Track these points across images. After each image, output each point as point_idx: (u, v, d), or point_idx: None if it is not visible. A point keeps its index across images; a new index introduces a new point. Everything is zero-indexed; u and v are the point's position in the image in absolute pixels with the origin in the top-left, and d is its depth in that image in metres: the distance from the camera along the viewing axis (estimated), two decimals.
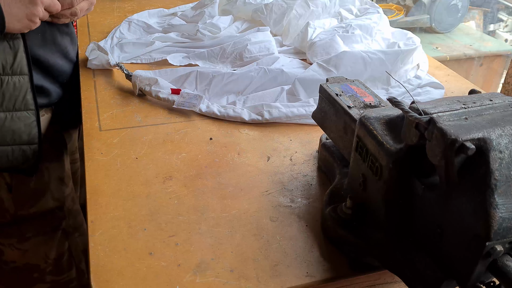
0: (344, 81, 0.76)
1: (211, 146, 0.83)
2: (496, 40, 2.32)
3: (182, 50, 1.19)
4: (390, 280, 0.63)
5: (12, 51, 0.84)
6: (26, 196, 0.97)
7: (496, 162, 0.44)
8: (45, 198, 1.00)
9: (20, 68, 0.85)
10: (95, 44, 1.10)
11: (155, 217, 0.67)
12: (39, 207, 0.99)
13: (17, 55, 0.84)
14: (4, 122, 0.86)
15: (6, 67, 0.84)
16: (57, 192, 1.02)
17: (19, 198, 0.96)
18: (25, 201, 0.98)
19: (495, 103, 0.50)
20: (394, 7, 2.20)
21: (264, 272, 0.59)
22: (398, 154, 0.52)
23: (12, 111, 0.87)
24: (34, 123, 0.89)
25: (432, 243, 0.51)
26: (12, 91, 0.85)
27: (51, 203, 1.01)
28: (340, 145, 0.71)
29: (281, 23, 1.27)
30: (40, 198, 0.99)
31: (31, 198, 0.98)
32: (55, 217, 1.03)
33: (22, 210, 0.98)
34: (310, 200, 0.71)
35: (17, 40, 0.84)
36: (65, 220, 1.05)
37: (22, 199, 0.97)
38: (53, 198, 1.01)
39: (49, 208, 1.01)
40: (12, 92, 0.85)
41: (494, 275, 0.46)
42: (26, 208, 0.98)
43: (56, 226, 1.04)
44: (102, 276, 0.57)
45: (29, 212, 0.98)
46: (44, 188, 0.99)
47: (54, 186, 1.01)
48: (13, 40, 0.83)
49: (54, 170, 1.00)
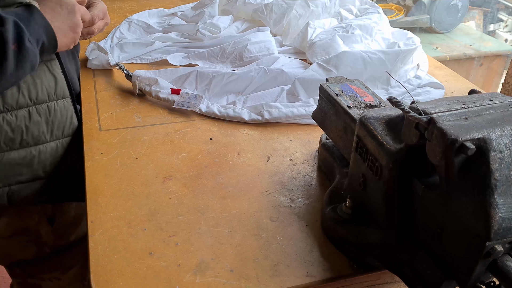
0: (344, 81, 0.76)
1: (211, 146, 0.83)
2: (496, 40, 2.32)
3: (182, 50, 1.19)
4: (390, 280, 0.63)
5: (52, 74, 0.80)
6: (67, 225, 0.93)
7: (496, 162, 0.44)
8: (83, 222, 0.95)
9: (63, 91, 0.82)
10: (95, 44, 1.10)
11: (155, 217, 0.67)
12: (78, 233, 0.96)
13: (57, 78, 0.81)
14: (56, 152, 0.83)
15: (50, 92, 0.80)
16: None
17: (60, 228, 0.92)
18: (66, 230, 0.94)
19: (495, 103, 0.50)
20: (394, 7, 2.20)
21: (264, 272, 0.59)
22: (398, 154, 0.52)
23: (61, 138, 0.84)
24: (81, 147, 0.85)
25: (432, 243, 0.51)
26: (60, 117, 0.83)
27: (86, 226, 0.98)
28: (340, 145, 0.71)
29: (281, 23, 1.27)
30: (79, 223, 0.95)
31: (72, 225, 0.94)
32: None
33: (62, 240, 0.93)
34: (310, 200, 0.71)
35: (54, 61, 0.80)
36: None
37: (63, 228, 0.93)
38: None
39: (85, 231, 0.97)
40: (60, 118, 0.83)
41: (494, 275, 0.46)
42: (66, 237, 0.94)
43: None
44: (102, 276, 0.57)
45: (68, 241, 0.94)
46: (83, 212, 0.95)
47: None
48: (50, 62, 0.80)
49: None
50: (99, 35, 1.27)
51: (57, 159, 0.84)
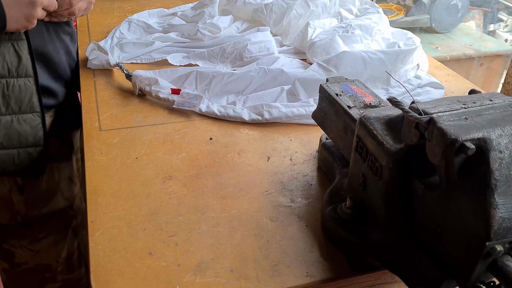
0: (344, 81, 0.76)
1: (211, 146, 0.83)
2: (496, 40, 2.32)
3: (182, 50, 1.19)
4: (390, 280, 0.63)
5: (17, 53, 0.84)
6: (37, 197, 0.97)
7: (496, 162, 0.44)
8: (56, 198, 1.00)
9: (26, 70, 0.85)
10: (95, 44, 1.10)
11: (155, 217, 0.67)
12: (51, 207, 0.99)
13: (22, 57, 0.84)
14: (10, 125, 0.86)
15: (11, 69, 0.84)
16: (67, 191, 1.02)
17: (30, 199, 0.96)
18: (37, 202, 0.97)
19: (495, 103, 0.50)
20: (394, 7, 2.20)
21: (264, 272, 0.59)
22: (398, 154, 0.52)
23: (18, 113, 0.87)
24: (39, 125, 0.89)
25: (432, 243, 0.51)
26: (18, 93, 0.85)
27: (62, 202, 1.01)
28: (340, 145, 0.71)
29: (281, 23, 1.27)
30: (51, 198, 0.99)
31: (43, 198, 0.98)
32: (66, 216, 1.03)
33: (34, 211, 0.97)
34: (310, 200, 0.71)
35: (22, 41, 0.84)
36: (75, 219, 1.05)
37: (34, 200, 0.97)
38: (64, 197, 1.01)
39: (60, 207, 1.01)
40: (18, 94, 0.85)
41: (494, 275, 0.46)
42: (38, 209, 0.98)
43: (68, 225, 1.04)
44: (102, 276, 0.57)
45: (41, 213, 0.98)
46: (55, 188, 1.00)
47: (64, 185, 1.01)
48: (17, 42, 0.83)
49: (63, 170, 1.01)
50: (99, 35, 1.27)
51: (12, 131, 0.87)
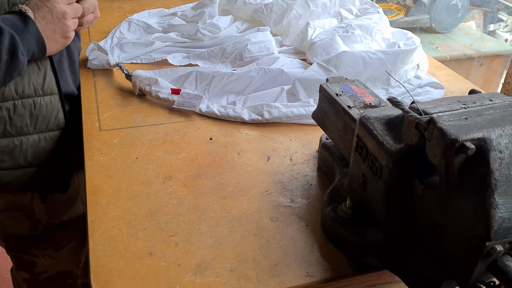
0: (344, 81, 0.76)
1: (211, 146, 0.83)
2: (496, 40, 2.32)
3: (182, 50, 1.19)
4: (390, 280, 0.63)
5: (41, 71, 0.84)
6: (59, 204, 0.97)
7: (496, 162, 0.44)
8: (76, 204, 1.00)
9: (51, 88, 0.85)
10: (95, 44, 1.10)
11: (155, 217, 0.67)
12: (71, 214, 0.99)
13: (46, 75, 0.84)
14: (38, 144, 0.86)
15: (37, 88, 0.83)
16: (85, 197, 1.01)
17: (52, 207, 0.96)
18: (59, 210, 0.97)
19: (495, 103, 0.50)
20: (394, 7, 2.20)
21: (264, 272, 0.59)
22: (398, 154, 0.52)
23: (45, 132, 0.87)
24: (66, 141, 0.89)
25: (432, 243, 0.51)
26: (45, 112, 0.85)
27: (81, 208, 1.01)
28: (340, 145, 0.71)
29: (281, 23, 1.27)
30: (72, 205, 0.99)
31: (64, 206, 0.98)
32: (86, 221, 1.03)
33: (55, 218, 0.97)
34: (310, 200, 0.71)
35: (44, 60, 0.84)
36: None
37: (56, 208, 0.96)
38: (83, 203, 1.01)
39: (80, 213, 1.01)
40: (45, 113, 0.86)
41: (494, 275, 0.46)
42: (59, 217, 0.98)
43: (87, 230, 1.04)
44: (102, 276, 0.57)
45: (61, 220, 0.98)
46: (75, 194, 0.99)
47: (82, 191, 1.00)
48: (40, 61, 0.83)
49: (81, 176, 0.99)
50: (99, 35, 1.27)
51: (39, 150, 0.87)
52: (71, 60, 0.95)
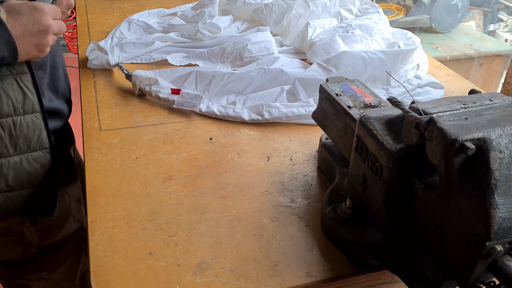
0: (344, 81, 0.76)
1: (211, 146, 0.83)
2: (496, 40, 2.32)
3: (182, 50, 1.19)
4: (390, 280, 0.63)
5: (21, 88, 0.77)
6: (51, 225, 0.92)
7: (496, 162, 0.44)
8: (68, 223, 0.95)
9: (32, 105, 0.78)
10: (95, 44, 1.10)
11: (155, 217, 0.67)
12: (64, 233, 0.95)
13: (27, 92, 0.77)
14: (20, 166, 0.80)
15: (17, 107, 0.77)
16: (77, 213, 0.98)
17: (44, 228, 0.91)
18: (50, 230, 0.93)
19: (495, 103, 0.50)
20: (394, 7, 2.20)
21: (264, 272, 0.59)
22: (398, 154, 0.52)
23: (27, 153, 0.80)
24: (50, 162, 0.83)
25: (432, 243, 0.51)
26: (26, 132, 0.79)
27: (73, 226, 0.97)
28: (340, 145, 0.71)
29: (281, 23, 1.27)
30: (64, 223, 0.95)
31: (56, 226, 0.93)
32: (80, 239, 1.00)
33: (48, 239, 0.92)
34: (310, 200, 0.71)
35: (25, 75, 0.77)
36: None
37: (47, 229, 0.92)
38: (75, 220, 0.97)
39: (72, 231, 0.97)
40: (26, 133, 0.79)
41: (494, 275, 0.46)
42: (51, 237, 0.93)
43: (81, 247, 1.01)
44: (102, 276, 0.57)
45: (54, 241, 0.94)
46: (67, 212, 0.95)
47: (74, 208, 0.97)
48: (20, 76, 0.77)
49: (72, 192, 0.96)
50: (99, 35, 1.27)
51: (22, 173, 0.81)
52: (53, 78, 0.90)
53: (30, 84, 0.78)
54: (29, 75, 0.77)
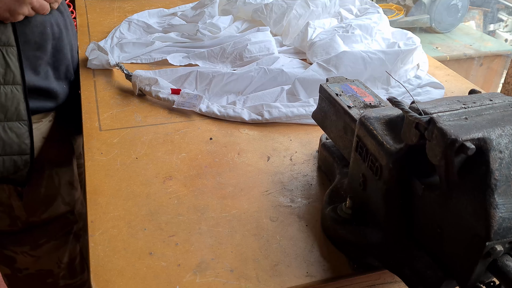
0: (344, 81, 0.76)
1: (211, 146, 0.83)
2: (496, 40, 2.32)
3: (182, 50, 1.19)
4: (390, 280, 0.63)
5: (5, 59, 0.80)
6: (37, 202, 0.95)
7: (496, 162, 0.44)
8: (56, 203, 0.98)
9: (13, 77, 0.82)
10: (95, 44, 1.10)
11: (155, 217, 0.67)
12: (51, 213, 0.98)
13: (10, 64, 0.81)
14: None
15: None
16: (67, 196, 1.00)
17: (30, 204, 0.94)
18: (37, 207, 0.96)
19: (495, 103, 0.50)
20: (394, 7, 2.20)
21: (264, 272, 0.59)
22: (398, 154, 0.52)
23: (3, 121, 0.83)
24: (26, 133, 0.86)
25: (432, 243, 0.51)
26: (4, 101, 0.82)
27: (62, 207, 0.99)
28: (340, 145, 0.71)
29: (281, 23, 1.27)
30: (51, 203, 0.97)
31: (43, 204, 0.96)
32: (67, 222, 1.02)
33: (34, 216, 0.96)
34: (310, 200, 0.71)
35: (11, 48, 0.80)
36: (76, 224, 1.04)
37: (34, 205, 0.95)
38: (64, 202, 0.99)
39: (60, 213, 0.99)
40: (4, 102, 0.82)
41: (494, 275, 0.46)
42: (38, 215, 0.96)
43: (69, 230, 1.03)
44: (102, 276, 0.57)
45: (41, 218, 0.97)
46: (55, 193, 0.98)
47: (64, 190, 0.99)
48: (6, 48, 0.80)
49: (63, 174, 0.99)
50: (99, 35, 1.27)
51: None
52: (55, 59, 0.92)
53: (15, 58, 0.81)
54: (15, 48, 0.81)
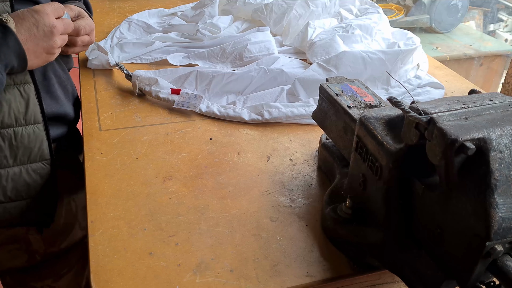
0: (344, 81, 0.76)
1: (211, 146, 0.83)
2: (496, 40, 2.32)
3: (182, 50, 1.19)
4: (390, 280, 0.63)
5: (24, 98, 0.76)
6: (56, 233, 0.91)
7: (496, 162, 0.44)
8: (74, 230, 0.94)
9: (34, 116, 0.77)
10: (95, 44, 1.10)
11: (155, 217, 0.67)
12: (70, 241, 0.94)
13: (30, 102, 0.76)
14: (19, 177, 0.79)
15: (18, 117, 0.76)
16: (83, 221, 0.96)
17: (49, 236, 0.90)
18: (56, 238, 0.91)
19: (495, 103, 0.50)
20: (394, 7, 2.20)
21: (264, 272, 0.59)
22: (398, 154, 0.52)
23: (26, 163, 0.79)
24: (49, 173, 0.82)
25: (432, 243, 0.51)
26: (27, 143, 0.78)
27: (79, 233, 0.95)
28: (340, 145, 0.71)
29: (281, 23, 1.27)
30: (70, 231, 0.93)
31: (62, 233, 0.92)
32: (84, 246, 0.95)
33: (53, 247, 0.91)
34: (310, 200, 0.71)
35: (28, 85, 0.76)
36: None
37: (53, 236, 0.90)
38: (81, 227, 0.95)
39: (78, 239, 0.95)
40: (27, 144, 0.78)
41: (494, 275, 0.46)
42: (57, 245, 0.92)
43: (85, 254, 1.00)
44: (102, 276, 0.57)
45: (60, 248, 0.92)
46: (73, 221, 0.94)
47: (80, 216, 0.95)
48: (23, 85, 0.76)
49: (79, 200, 0.95)
50: (99, 35, 1.27)
51: (21, 184, 0.80)
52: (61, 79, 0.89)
53: (33, 94, 0.77)
54: (32, 85, 0.77)
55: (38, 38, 0.72)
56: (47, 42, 0.73)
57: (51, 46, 0.74)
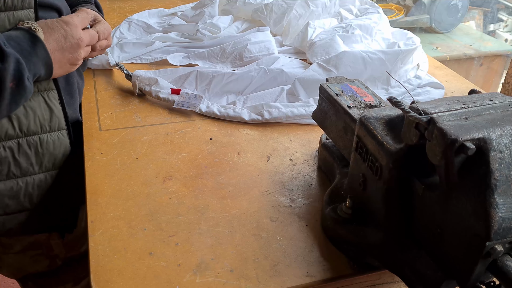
0: (344, 81, 0.76)
1: (211, 146, 0.83)
2: (496, 40, 2.32)
3: (182, 50, 1.19)
4: (390, 280, 0.63)
5: (48, 105, 0.76)
6: (77, 237, 0.91)
7: (496, 162, 0.44)
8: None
9: (59, 123, 0.78)
10: None
11: (155, 217, 0.67)
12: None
13: (54, 109, 0.77)
14: (44, 184, 0.79)
15: (44, 124, 0.76)
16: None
17: (70, 241, 0.90)
18: (77, 242, 0.91)
19: (495, 103, 0.50)
20: (394, 7, 2.20)
21: (264, 272, 0.59)
22: (398, 154, 0.52)
23: (51, 170, 0.80)
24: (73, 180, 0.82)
25: (432, 243, 0.51)
26: (52, 149, 0.78)
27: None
28: (340, 145, 0.71)
29: (281, 23, 1.27)
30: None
31: (82, 237, 0.91)
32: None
33: (73, 251, 0.91)
34: (310, 200, 0.71)
35: (52, 92, 0.76)
36: None
37: (74, 240, 0.91)
38: None
39: None
40: (52, 151, 0.78)
41: (494, 275, 0.46)
42: (77, 249, 0.92)
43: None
44: (102, 276, 0.57)
45: (79, 252, 0.92)
46: None
47: None
48: (47, 92, 0.76)
49: None
50: None
51: (45, 190, 0.80)
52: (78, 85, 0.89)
53: (56, 101, 0.77)
54: (55, 91, 0.77)
55: (65, 49, 0.72)
56: (73, 53, 0.74)
57: (76, 58, 0.75)
